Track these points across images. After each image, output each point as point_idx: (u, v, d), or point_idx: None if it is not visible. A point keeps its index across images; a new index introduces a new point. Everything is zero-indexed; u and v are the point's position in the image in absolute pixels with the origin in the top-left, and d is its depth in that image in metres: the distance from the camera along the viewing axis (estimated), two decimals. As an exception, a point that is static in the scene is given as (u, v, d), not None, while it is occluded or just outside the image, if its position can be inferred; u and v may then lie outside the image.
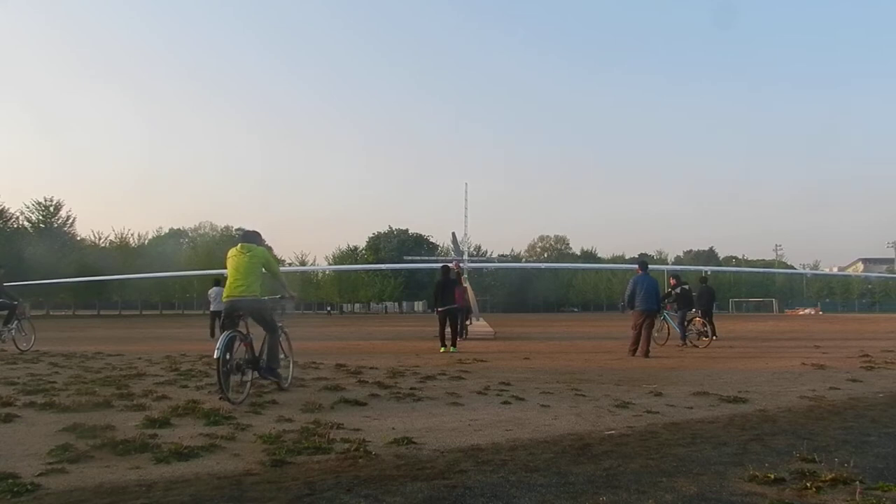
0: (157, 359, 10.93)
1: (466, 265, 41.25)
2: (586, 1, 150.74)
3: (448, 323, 13.41)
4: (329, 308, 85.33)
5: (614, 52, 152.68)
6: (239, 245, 7.03)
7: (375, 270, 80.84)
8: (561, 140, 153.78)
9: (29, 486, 3.34)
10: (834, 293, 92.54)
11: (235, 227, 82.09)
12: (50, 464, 3.80)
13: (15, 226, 55.74)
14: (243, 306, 6.75)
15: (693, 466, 3.76)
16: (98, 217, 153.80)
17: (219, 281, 17.87)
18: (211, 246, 69.33)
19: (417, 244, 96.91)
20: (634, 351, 11.66)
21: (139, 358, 11.10)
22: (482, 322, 26.20)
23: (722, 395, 6.58)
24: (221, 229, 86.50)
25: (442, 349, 13.01)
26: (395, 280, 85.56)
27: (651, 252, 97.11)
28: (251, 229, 7.48)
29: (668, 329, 14.85)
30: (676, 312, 14.91)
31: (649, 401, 6.34)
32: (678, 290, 15.05)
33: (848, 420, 5.34)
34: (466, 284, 22.55)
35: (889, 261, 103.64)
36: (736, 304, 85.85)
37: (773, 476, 3.48)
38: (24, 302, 13.90)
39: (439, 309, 13.47)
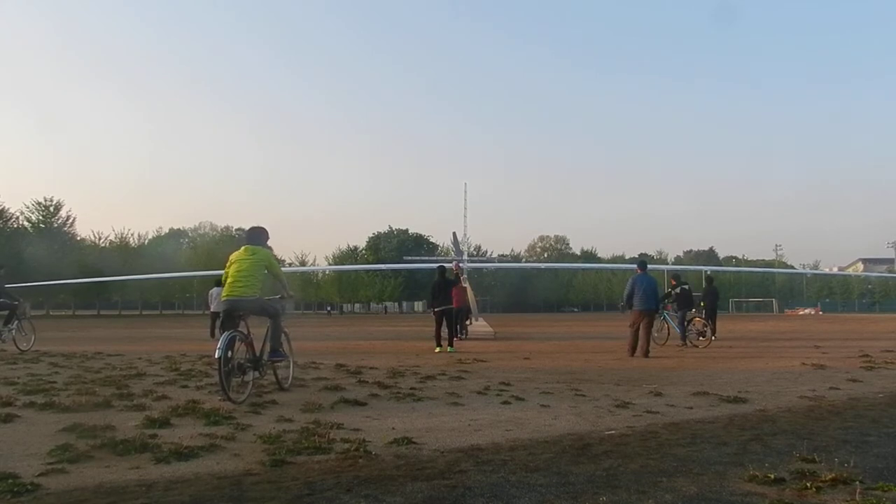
0: (157, 359, 10.93)
1: (466, 265, 41.23)
2: (586, 1, 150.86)
3: (444, 323, 13.46)
4: (329, 308, 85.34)
5: (615, 52, 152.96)
6: (243, 248, 7.03)
7: (375, 270, 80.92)
8: (561, 140, 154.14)
9: (29, 486, 3.33)
10: (834, 293, 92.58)
11: (235, 227, 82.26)
12: (50, 464, 3.80)
13: (15, 226, 55.72)
14: (242, 306, 6.76)
15: (693, 466, 3.75)
16: (98, 217, 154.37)
17: (220, 281, 17.84)
18: (211, 246, 69.43)
19: (417, 244, 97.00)
20: (633, 351, 11.66)
21: (139, 358, 11.10)
22: (482, 322, 26.19)
23: (722, 395, 6.57)
24: (221, 229, 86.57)
25: (437, 349, 13.02)
26: (394, 280, 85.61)
27: (651, 252, 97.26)
28: (256, 226, 7.31)
29: (668, 329, 14.85)
30: (676, 312, 14.92)
31: (649, 401, 6.34)
32: (678, 290, 15.06)
33: (848, 420, 5.33)
34: (466, 285, 22.53)
35: (889, 261, 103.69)
36: (736, 304, 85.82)
37: (773, 476, 3.47)
38: (25, 302, 13.89)
39: (436, 309, 13.51)
